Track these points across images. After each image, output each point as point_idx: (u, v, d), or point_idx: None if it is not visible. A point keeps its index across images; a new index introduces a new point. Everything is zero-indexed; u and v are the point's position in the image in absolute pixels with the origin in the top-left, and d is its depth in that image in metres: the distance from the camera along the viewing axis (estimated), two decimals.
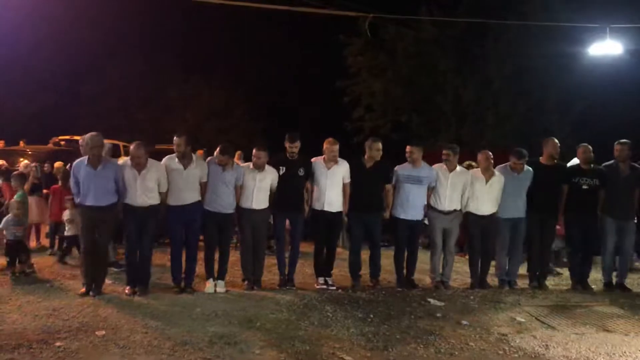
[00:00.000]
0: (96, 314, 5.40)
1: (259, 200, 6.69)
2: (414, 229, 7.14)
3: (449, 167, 7.09)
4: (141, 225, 6.29)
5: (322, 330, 5.21)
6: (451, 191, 7.06)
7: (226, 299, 6.17)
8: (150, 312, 5.53)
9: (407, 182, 6.99)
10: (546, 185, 7.15)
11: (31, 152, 12.90)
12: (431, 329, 5.36)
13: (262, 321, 5.35)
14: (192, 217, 6.48)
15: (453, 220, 7.16)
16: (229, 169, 6.54)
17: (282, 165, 6.81)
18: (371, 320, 5.59)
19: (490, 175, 7.09)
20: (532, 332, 5.38)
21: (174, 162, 6.43)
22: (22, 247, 7.20)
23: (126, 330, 4.96)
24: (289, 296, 6.33)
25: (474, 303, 6.38)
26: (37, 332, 4.84)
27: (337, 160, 6.88)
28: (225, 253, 6.70)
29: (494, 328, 5.47)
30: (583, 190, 7.16)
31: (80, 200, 6.18)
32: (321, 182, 6.86)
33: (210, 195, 6.53)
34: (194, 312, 5.54)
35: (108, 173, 6.12)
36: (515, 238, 7.21)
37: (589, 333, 5.42)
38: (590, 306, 6.39)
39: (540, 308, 6.24)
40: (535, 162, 7.30)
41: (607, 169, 7.26)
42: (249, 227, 6.72)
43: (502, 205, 7.14)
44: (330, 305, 5.99)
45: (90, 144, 6.07)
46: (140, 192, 6.21)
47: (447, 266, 7.21)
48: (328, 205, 6.86)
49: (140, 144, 6.33)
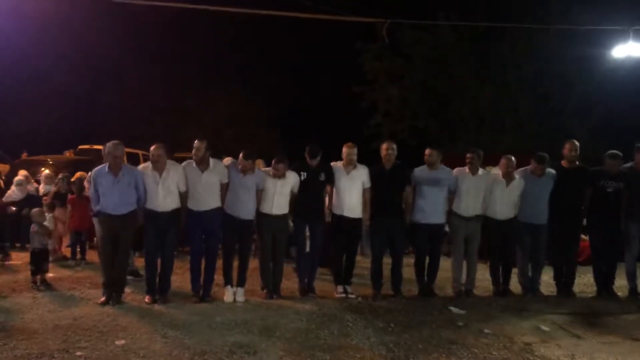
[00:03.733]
0: (116, 323, 5.40)
1: (280, 206, 6.66)
2: (435, 234, 7.02)
3: (472, 171, 7.00)
4: (162, 232, 6.30)
5: (342, 340, 5.15)
6: (474, 194, 6.97)
7: (245, 308, 6.14)
8: (169, 321, 5.51)
9: (425, 184, 6.91)
10: (568, 188, 7.01)
11: (52, 161, 13.03)
12: (453, 338, 5.27)
13: (281, 330, 5.31)
14: (212, 226, 6.47)
15: (475, 226, 7.06)
16: (250, 174, 6.53)
17: (303, 172, 6.78)
18: (392, 329, 5.51)
19: (510, 179, 6.99)
20: (557, 341, 5.26)
21: (191, 167, 6.44)
22: (46, 256, 7.25)
23: (146, 339, 4.96)
24: (309, 305, 6.29)
25: (496, 311, 6.27)
26: (58, 342, 4.85)
27: (356, 165, 6.84)
28: (244, 260, 6.67)
29: (517, 337, 5.36)
30: (608, 194, 7.01)
31: (100, 208, 6.19)
32: (340, 187, 6.82)
33: (231, 199, 6.51)
34: (214, 322, 5.52)
35: (129, 180, 6.14)
36: (537, 244, 7.08)
37: (615, 342, 5.28)
38: (617, 314, 6.25)
39: (565, 316, 6.11)
40: (556, 166, 7.18)
41: (629, 173, 7.11)
42: (269, 233, 6.69)
43: (522, 210, 7.04)
44: (351, 315, 5.93)
45: (112, 152, 6.11)
46: (162, 195, 6.23)
47: (470, 273, 7.11)
48: (348, 211, 6.80)
49: (160, 145, 6.37)
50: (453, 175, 7.00)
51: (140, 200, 6.24)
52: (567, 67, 15.72)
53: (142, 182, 6.21)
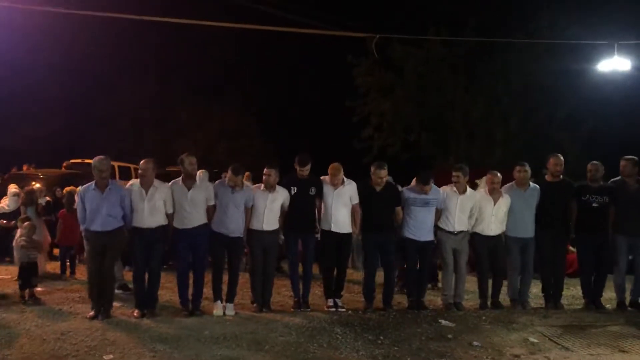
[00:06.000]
0: (104, 337, 5.37)
1: (270, 222, 6.67)
2: (423, 250, 7.06)
3: (459, 189, 7.04)
4: (149, 247, 6.29)
5: (331, 353, 5.15)
6: (460, 213, 7.01)
7: (235, 322, 6.12)
8: (158, 335, 5.49)
9: (414, 204, 6.94)
10: (553, 202, 7.06)
11: (43, 175, 12.99)
12: (442, 351, 5.28)
13: (270, 344, 5.30)
14: (198, 241, 6.46)
15: (462, 240, 7.10)
16: (239, 190, 6.54)
17: (293, 186, 6.81)
18: (381, 342, 5.51)
19: (498, 196, 7.05)
20: (545, 353, 5.28)
21: (177, 185, 6.46)
22: (35, 270, 7.21)
23: (134, 354, 4.93)
24: (299, 318, 6.28)
25: (485, 324, 6.29)
26: (45, 356, 4.83)
27: (344, 180, 6.87)
28: (234, 276, 6.65)
29: (506, 349, 5.37)
30: (593, 209, 7.06)
31: (86, 225, 6.18)
32: (328, 202, 6.84)
33: (219, 216, 6.52)
34: (203, 335, 5.50)
35: (115, 197, 6.15)
36: (525, 258, 7.11)
37: (604, 354, 5.30)
38: (605, 326, 6.26)
39: (554, 328, 6.12)
40: (540, 181, 7.24)
41: (615, 186, 7.18)
42: (260, 248, 6.68)
43: (510, 224, 7.08)
44: (340, 328, 5.92)
45: (97, 167, 6.12)
46: (147, 212, 6.23)
47: (460, 285, 7.13)
48: (335, 226, 6.83)
49: (149, 160, 6.40)
50: (441, 194, 7.04)
51: (126, 218, 6.24)
52: (555, 81, 15.91)
53: (128, 199, 6.22)
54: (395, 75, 18.57)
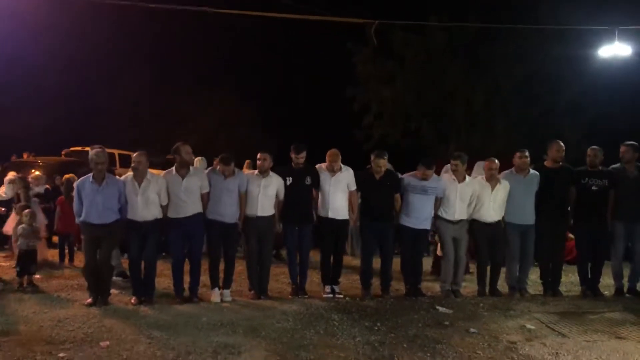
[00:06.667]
0: (101, 324, 5.38)
1: (264, 207, 6.66)
2: (419, 237, 7.06)
3: (458, 178, 7.01)
4: (143, 237, 6.30)
5: (327, 340, 5.15)
6: (460, 201, 6.98)
7: (232, 309, 6.13)
8: (155, 322, 5.50)
9: (414, 192, 6.92)
10: (553, 188, 7.03)
11: (42, 163, 12.99)
12: (439, 338, 5.27)
13: (267, 330, 5.31)
14: (193, 230, 6.46)
15: (462, 229, 7.09)
16: (232, 177, 6.52)
17: (288, 176, 6.79)
18: (378, 328, 5.52)
19: (495, 183, 7.02)
20: (542, 340, 5.27)
21: (171, 174, 6.45)
22: (34, 258, 7.22)
23: (130, 340, 4.94)
24: (296, 305, 6.28)
25: (483, 311, 6.28)
26: (42, 343, 4.83)
27: (341, 167, 6.85)
28: (230, 263, 6.65)
29: (503, 336, 5.37)
30: (592, 192, 7.02)
31: (83, 217, 6.17)
32: (325, 189, 6.83)
33: (213, 204, 6.50)
34: (200, 322, 5.51)
35: (112, 190, 6.14)
36: (524, 245, 7.10)
37: (600, 340, 5.30)
38: (602, 313, 6.26)
39: (551, 315, 6.12)
40: (540, 167, 7.20)
41: (615, 172, 7.14)
42: (255, 235, 6.68)
43: (510, 211, 7.06)
44: (337, 314, 5.93)
45: (94, 159, 6.10)
46: (141, 205, 6.22)
47: (458, 273, 7.12)
48: (333, 212, 6.82)
49: (142, 152, 6.38)
50: (442, 184, 7.01)
51: (122, 211, 6.23)
52: (556, 68, 15.81)
53: (124, 192, 6.21)
54: (395, 63, 18.49)
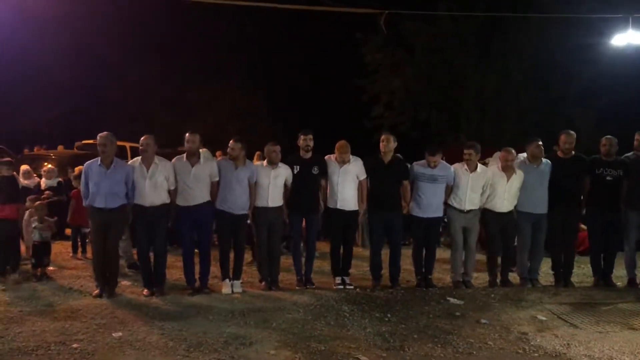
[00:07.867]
0: (113, 315, 5.44)
1: (274, 198, 6.66)
2: (431, 227, 7.03)
3: (470, 167, 6.95)
4: (152, 226, 6.31)
5: (338, 330, 5.17)
6: (471, 192, 6.94)
7: (243, 300, 6.16)
8: (167, 313, 5.55)
9: (423, 180, 6.89)
10: (565, 178, 6.94)
11: (55, 156, 13.06)
12: (449, 328, 5.28)
13: (278, 321, 5.33)
14: (202, 218, 6.46)
15: (473, 218, 7.04)
16: (241, 166, 6.52)
17: (296, 165, 6.78)
18: (388, 319, 5.53)
19: (511, 173, 6.95)
20: (553, 331, 5.26)
21: (181, 161, 6.46)
22: (48, 249, 7.29)
23: (143, 331, 4.99)
24: (306, 296, 6.29)
25: (494, 301, 6.27)
26: (55, 334, 4.88)
27: (350, 158, 6.83)
28: (240, 254, 6.68)
29: (514, 327, 5.37)
30: (607, 182, 6.94)
31: (89, 201, 6.19)
32: (334, 180, 6.81)
33: (223, 193, 6.50)
34: (211, 313, 5.55)
35: (119, 174, 6.15)
36: (536, 235, 7.05)
37: (612, 331, 5.28)
38: (614, 303, 6.22)
39: (563, 306, 6.10)
40: (552, 156, 7.12)
41: (629, 161, 7.05)
42: (265, 225, 6.69)
43: (522, 200, 6.99)
44: (348, 305, 5.94)
45: (98, 142, 6.14)
46: (149, 189, 6.22)
47: (469, 264, 7.10)
48: (342, 203, 6.80)
49: (150, 135, 6.40)
50: (451, 171, 6.97)
51: (129, 196, 6.23)
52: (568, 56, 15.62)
53: (131, 177, 6.21)
54: (405, 52, 18.36)
